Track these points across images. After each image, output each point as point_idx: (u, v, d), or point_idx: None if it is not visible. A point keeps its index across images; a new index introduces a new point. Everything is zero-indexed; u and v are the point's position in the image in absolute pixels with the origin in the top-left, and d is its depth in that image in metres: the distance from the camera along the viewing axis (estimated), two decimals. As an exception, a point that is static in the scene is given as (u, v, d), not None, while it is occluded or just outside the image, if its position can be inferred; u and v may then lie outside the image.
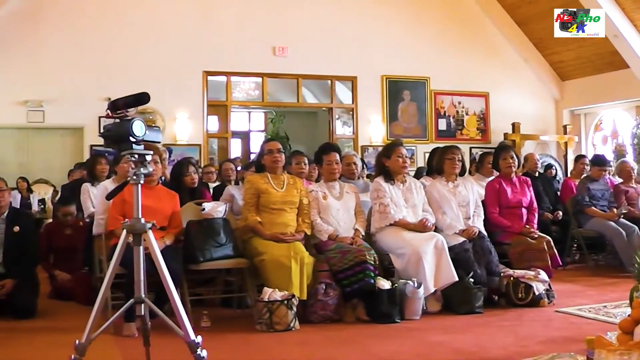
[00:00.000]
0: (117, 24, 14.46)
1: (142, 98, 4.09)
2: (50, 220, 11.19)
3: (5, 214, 7.21)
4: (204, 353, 3.89)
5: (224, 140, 15.96)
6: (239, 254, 6.73)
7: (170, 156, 9.84)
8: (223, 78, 15.65)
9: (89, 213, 8.23)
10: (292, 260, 6.30)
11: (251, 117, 21.54)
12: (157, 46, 14.53)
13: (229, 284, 7.71)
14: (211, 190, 8.97)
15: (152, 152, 4.26)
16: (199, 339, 3.92)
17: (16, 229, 7.14)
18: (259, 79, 16.22)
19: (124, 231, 4.09)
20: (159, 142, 4.66)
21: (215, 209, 6.87)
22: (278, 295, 6.12)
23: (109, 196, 4.75)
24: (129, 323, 5.92)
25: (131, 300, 4.10)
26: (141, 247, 4.07)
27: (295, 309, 6.15)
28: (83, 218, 8.65)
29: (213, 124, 15.90)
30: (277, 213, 6.82)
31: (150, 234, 4.08)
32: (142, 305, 4.06)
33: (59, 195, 11.26)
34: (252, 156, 17.11)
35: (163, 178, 7.56)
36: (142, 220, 4.04)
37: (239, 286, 7.20)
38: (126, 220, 4.20)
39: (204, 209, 6.84)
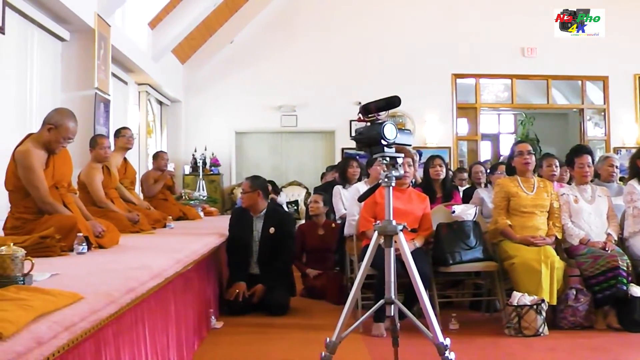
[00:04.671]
0: (367, 29, 14.83)
1: (393, 101, 4.13)
2: (303, 221, 11.57)
3: (263, 212, 7.55)
4: (452, 355, 3.87)
5: (474, 143, 16.00)
6: (488, 257, 6.68)
7: (420, 159, 9.90)
8: (472, 80, 15.70)
9: (341, 214, 8.44)
10: (542, 264, 6.19)
11: (500, 119, 21.33)
12: (407, 50, 14.77)
13: (478, 287, 7.70)
14: (461, 193, 8.95)
15: (403, 155, 4.31)
16: (448, 341, 3.90)
17: (271, 230, 7.46)
18: (508, 81, 16.19)
19: (375, 233, 4.16)
20: (409, 145, 4.70)
21: (465, 211, 6.86)
22: (527, 299, 6.05)
23: (361, 198, 4.85)
24: (379, 323, 6.05)
25: (381, 301, 4.15)
26: (392, 249, 4.12)
27: (544, 314, 6.05)
28: (335, 219, 8.87)
29: (462, 126, 15.96)
30: (528, 216, 6.73)
31: (401, 235, 4.11)
32: (392, 306, 4.11)
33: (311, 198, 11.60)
34: (502, 159, 16.95)
35: (414, 181, 7.64)
36: (394, 222, 4.08)
37: (488, 289, 7.15)
38: (377, 222, 4.27)
39: (454, 212, 6.85)
